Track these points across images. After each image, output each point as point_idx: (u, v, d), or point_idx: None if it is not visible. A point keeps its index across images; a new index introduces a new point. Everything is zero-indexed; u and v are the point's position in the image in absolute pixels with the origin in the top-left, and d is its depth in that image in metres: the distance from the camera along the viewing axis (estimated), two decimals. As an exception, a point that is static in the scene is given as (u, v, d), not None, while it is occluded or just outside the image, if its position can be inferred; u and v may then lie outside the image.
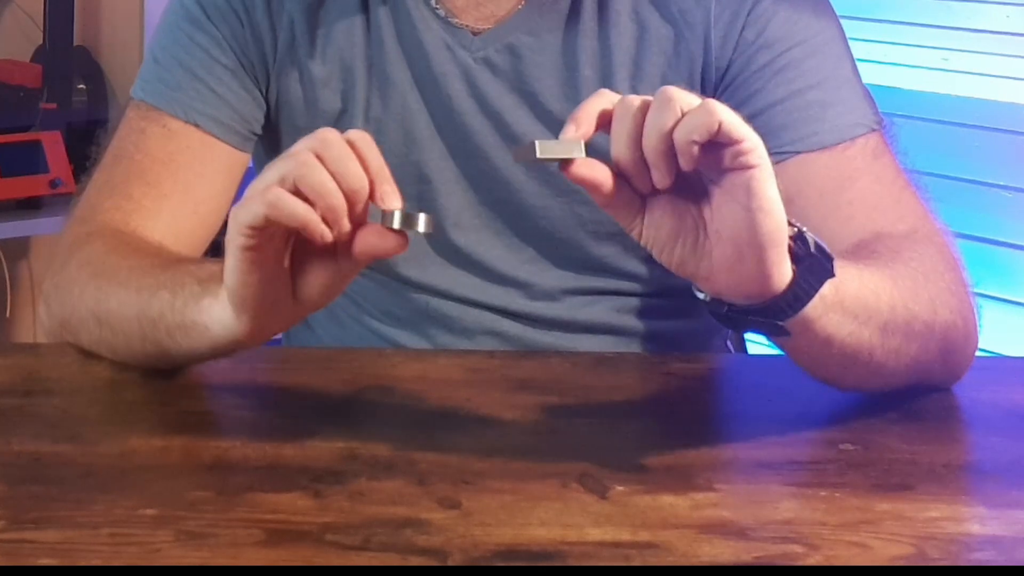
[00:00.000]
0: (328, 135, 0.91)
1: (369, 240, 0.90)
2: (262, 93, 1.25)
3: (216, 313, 0.97)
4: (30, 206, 2.61)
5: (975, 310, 1.12)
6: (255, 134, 1.26)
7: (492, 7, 1.22)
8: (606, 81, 1.21)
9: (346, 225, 0.89)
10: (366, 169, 0.90)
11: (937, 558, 0.85)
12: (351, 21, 1.23)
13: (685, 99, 0.88)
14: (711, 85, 1.21)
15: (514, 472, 0.93)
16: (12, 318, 2.95)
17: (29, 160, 2.59)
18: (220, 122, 1.23)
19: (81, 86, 2.85)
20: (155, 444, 0.97)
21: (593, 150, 0.89)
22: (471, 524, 0.86)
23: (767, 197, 0.88)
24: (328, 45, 1.24)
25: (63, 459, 0.94)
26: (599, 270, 1.25)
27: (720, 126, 0.86)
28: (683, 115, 0.87)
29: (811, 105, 1.18)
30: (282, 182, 0.89)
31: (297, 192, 0.89)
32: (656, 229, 0.91)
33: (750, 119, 1.18)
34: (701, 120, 0.86)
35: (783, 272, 0.91)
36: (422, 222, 0.89)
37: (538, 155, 0.89)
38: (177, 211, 1.20)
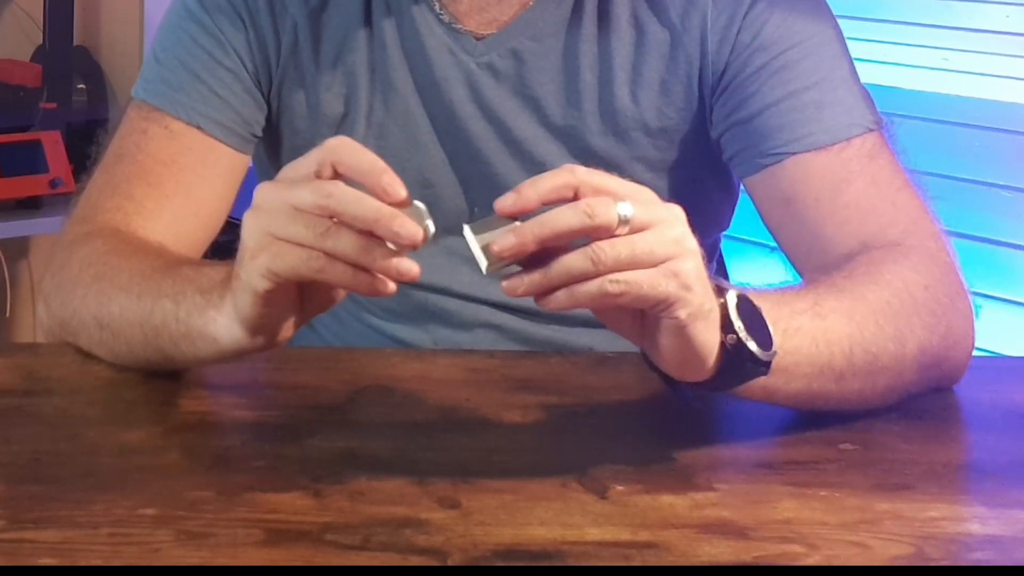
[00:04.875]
0: (298, 188, 0.87)
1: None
2: (264, 96, 1.25)
3: (223, 326, 0.96)
4: (30, 206, 2.61)
5: (968, 314, 1.11)
6: (256, 136, 1.26)
7: (495, 12, 1.22)
8: (606, 86, 1.21)
9: (379, 257, 0.86)
10: (362, 174, 0.87)
11: (937, 558, 0.85)
12: (354, 26, 1.23)
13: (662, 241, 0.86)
14: (708, 88, 1.21)
15: (514, 472, 0.93)
16: (12, 318, 2.95)
17: (29, 160, 2.59)
18: (222, 124, 1.23)
19: (81, 86, 2.85)
20: (155, 444, 0.97)
21: None
22: (471, 524, 0.86)
23: (696, 340, 0.90)
24: (331, 50, 1.24)
25: (63, 459, 0.94)
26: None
27: (622, 297, 0.86)
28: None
29: (807, 106, 1.18)
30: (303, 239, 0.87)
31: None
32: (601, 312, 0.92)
33: (747, 121, 1.19)
34: (599, 288, 0.85)
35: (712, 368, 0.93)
36: (430, 227, 0.87)
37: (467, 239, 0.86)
38: (178, 213, 1.20)
